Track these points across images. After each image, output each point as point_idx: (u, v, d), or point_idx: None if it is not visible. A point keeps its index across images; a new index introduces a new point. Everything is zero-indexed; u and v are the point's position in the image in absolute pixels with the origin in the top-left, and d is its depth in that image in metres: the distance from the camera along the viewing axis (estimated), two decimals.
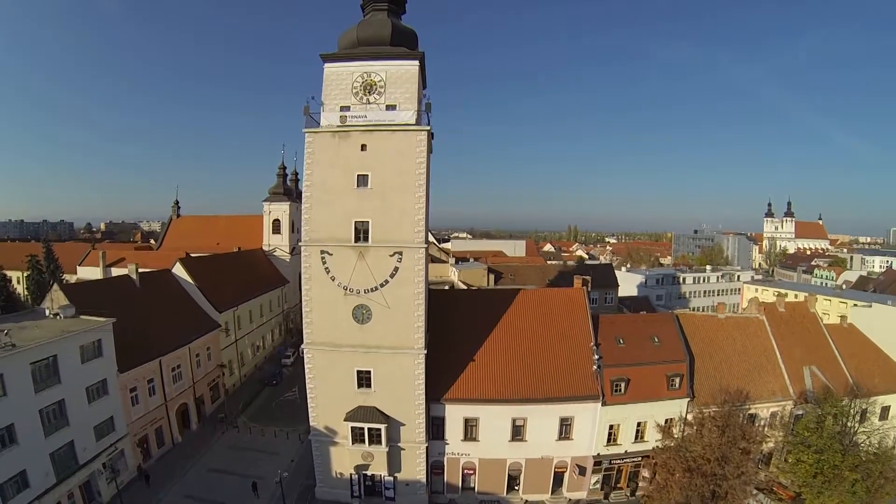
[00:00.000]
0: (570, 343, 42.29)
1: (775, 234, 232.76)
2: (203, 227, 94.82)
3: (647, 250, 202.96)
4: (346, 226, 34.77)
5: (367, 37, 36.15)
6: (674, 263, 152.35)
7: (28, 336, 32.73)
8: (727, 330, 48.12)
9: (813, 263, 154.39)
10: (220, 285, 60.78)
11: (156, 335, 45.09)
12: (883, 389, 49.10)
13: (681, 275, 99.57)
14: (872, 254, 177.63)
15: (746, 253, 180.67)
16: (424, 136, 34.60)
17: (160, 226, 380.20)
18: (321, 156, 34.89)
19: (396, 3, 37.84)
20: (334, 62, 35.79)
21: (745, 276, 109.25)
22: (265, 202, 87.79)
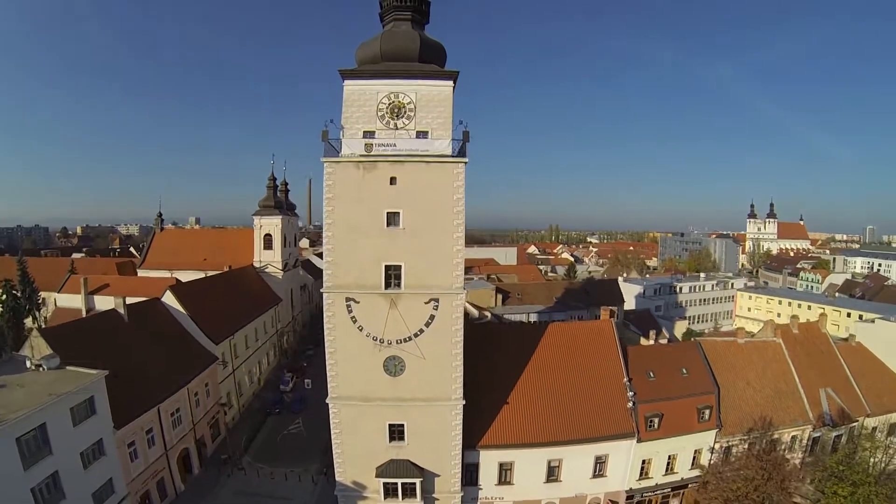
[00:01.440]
0: (603, 378, 41.31)
1: (758, 234, 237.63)
2: (188, 242, 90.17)
3: (633, 253, 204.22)
4: (375, 270, 31.53)
5: (393, 50, 32.55)
6: (665, 269, 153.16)
7: (11, 401, 28.66)
8: (747, 355, 47.88)
9: (798, 266, 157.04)
10: (214, 312, 56.98)
11: (151, 378, 41.40)
12: (892, 407, 49.83)
13: (677, 284, 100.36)
14: (853, 255, 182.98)
15: (734, 256, 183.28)
16: (462, 169, 31.47)
17: (138, 229, 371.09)
18: (344, 189, 31.24)
19: (420, 11, 34.10)
20: (355, 79, 32.06)
21: (739, 283, 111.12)
22: (255, 216, 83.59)
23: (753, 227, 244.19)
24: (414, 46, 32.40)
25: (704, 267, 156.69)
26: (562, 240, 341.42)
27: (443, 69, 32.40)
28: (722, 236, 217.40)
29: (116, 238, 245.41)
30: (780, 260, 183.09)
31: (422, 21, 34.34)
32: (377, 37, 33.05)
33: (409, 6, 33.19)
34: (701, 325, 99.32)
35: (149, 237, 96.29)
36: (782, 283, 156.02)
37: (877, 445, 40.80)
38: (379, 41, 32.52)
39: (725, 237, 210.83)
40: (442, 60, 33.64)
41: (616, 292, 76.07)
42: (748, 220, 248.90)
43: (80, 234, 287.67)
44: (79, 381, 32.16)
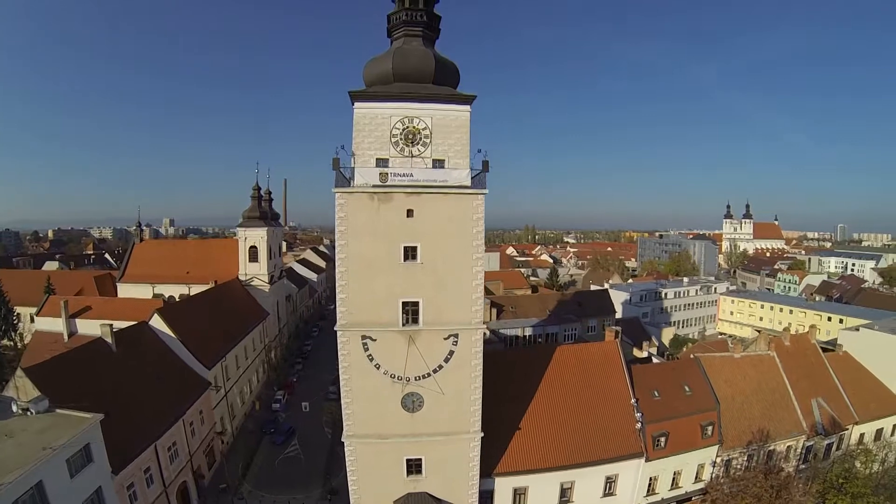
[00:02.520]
0: (611, 399, 41.72)
1: (734, 235, 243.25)
2: (170, 254, 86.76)
3: (612, 254, 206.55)
4: (391, 307, 30.36)
5: (406, 70, 30.82)
6: (646, 272, 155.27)
7: (2, 457, 26.51)
8: (744, 369, 48.96)
9: (776, 267, 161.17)
10: (204, 334, 55.15)
11: (145, 413, 39.62)
12: (878, 414, 51.64)
13: (662, 290, 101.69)
14: (827, 255, 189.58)
15: (712, 258, 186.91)
16: (482, 201, 30.50)
17: (112, 232, 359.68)
18: (357, 221, 29.73)
19: (431, 27, 32.53)
20: (367, 102, 30.29)
21: (721, 287, 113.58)
22: (240, 227, 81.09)
23: (730, 228, 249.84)
24: (428, 67, 30.94)
25: (684, 269, 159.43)
26: (538, 240, 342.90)
27: (460, 93, 31.06)
28: (699, 237, 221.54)
29: (90, 242, 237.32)
30: (757, 261, 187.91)
31: (433, 37, 32.92)
32: (388, 54, 31.42)
33: (421, 22, 31.77)
34: (686, 329, 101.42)
35: (128, 248, 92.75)
36: (760, 285, 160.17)
37: (873, 459, 42.05)
38: (391, 59, 30.76)
39: (703, 238, 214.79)
40: (456, 81, 32.33)
41: (607, 303, 76.67)
42: (724, 220, 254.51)
43: (52, 237, 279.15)
44: (72, 428, 30.05)
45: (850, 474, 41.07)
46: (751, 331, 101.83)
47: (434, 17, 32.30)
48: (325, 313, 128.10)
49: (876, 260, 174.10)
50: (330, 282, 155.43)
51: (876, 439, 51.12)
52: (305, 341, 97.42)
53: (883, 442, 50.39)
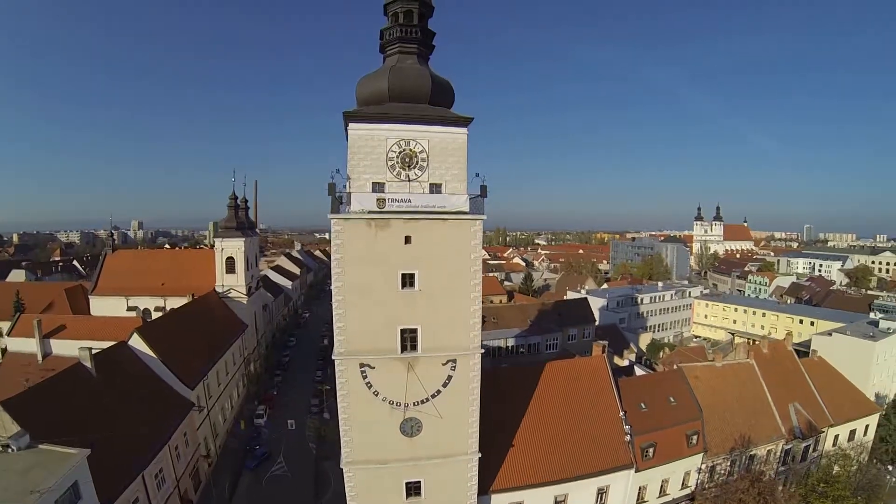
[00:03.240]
0: (600, 413, 42.49)
1: (705, 237, 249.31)
2: (144, 265, 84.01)
3: (584, 257, 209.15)
4: (390, 334, 29.95)
5: (402, 90, 30.11)
6: (620, 276, 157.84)
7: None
8: (725, 378, 50.50)
9: (746, 269, 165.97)
10: (184, 351, 53.79)
11: (130, 440, 38.22)
12: (852, 416, 53.88)
13: (638, 295, 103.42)
14: (795, 256, 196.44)
15: (684, 261, 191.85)
16: (480, 227, 30.43)
17: (80, 236, 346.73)
18: (354, 249, 29.00)
19: (426, 44, 32.03)
20: (362, 123, 29.42)
21: (695, 291, 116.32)
22: (216, 238, 79.55)
23: (700, 230, 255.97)
24: (425, 86, 30.43)
25: (657, 272, 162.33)
26: (510, 242, 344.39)
27: (458, 115, 30.68)
28: (671, 239, 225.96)
29: (57, 248, 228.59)
30: (727, 263, 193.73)
31: (427, 54, 32.56)
32: (382, 72, 30.77)
33: (415, 38, 31.35)
34: (662, 333, 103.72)
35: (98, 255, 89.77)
36: (731, 286, 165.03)
37: (851, 464, 43.80)
38: (386, 78, 30.11)
39: (675, 240, 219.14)
40: (451, 101, 31.96)
41: (587, 311, 77.56)
42: (695, 222, 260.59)
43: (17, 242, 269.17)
44: (59, 466, 28.65)
45: (830, 478, 42.71)
46: (725, 333, 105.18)
47: (428, 32, 31.98)
48: (300, 321, 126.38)
49: (842, 261, 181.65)
50: (304, 288, 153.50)
51: (849, 440, 53.36)
52: (283, 352, 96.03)
53: (856, 442, 52.64)
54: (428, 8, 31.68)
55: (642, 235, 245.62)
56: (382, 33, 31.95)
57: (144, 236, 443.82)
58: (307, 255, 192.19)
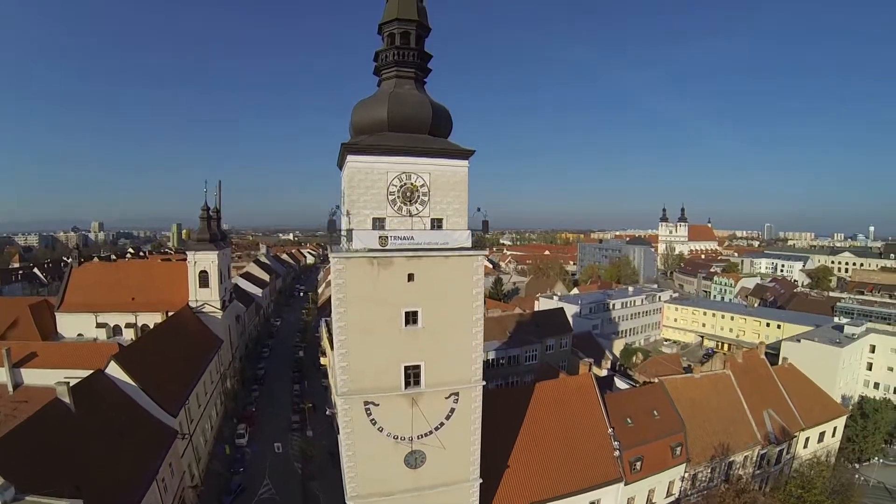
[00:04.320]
0: (589, 430, 43.69)
1: (670, 237, 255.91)
2: (112, 277, 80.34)
3: (551, 258, 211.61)
4: (394, 372, 29.82)
5: (402, 119, 29.39)
6: (589, 279, 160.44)
7: None
8: (703, 389, 52.39)
9: (712, 270, 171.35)
10: (164, 376, 52.09)
11: (115, 479, 36.90)
12: (821, 419, 56.79)
13: (610, 301, 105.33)
14: (758, 256, 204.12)
15: (651, 263, 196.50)
16: (482, 262, 30.60)
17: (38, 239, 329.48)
18: (357, 288, 28.50)
19: (423, 68, 31.43)
20: (361, 155, 28.60)
21: (665, 295, 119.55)
22: (189, 252, 77.10)
23: (665, 230, 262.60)
24: (425, 116, 29.86)
25: (625, 274, 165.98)
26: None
27: (459, 148, 30.43)
28: (636, 241, 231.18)
29: (16, 253, 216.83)
30: (693, 264, 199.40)
31: (423, 78, 32.07)
32: (380, 99, 30.02)
33: (413, 63, 30.84)
34: (633, 337, 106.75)
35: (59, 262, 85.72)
36: (697, 287, 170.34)
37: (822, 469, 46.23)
38: (385, 106, 29.38)
39: (641, 242, 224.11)
40: (449, 130, 31.66)
41: (564, 322, 78.95)
42: (660, 223, 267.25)
43: None
44: None
45: (808, 484, 44.99)
46: (694, 336, 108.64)
47: (425, 55, 31.52)
48: (272, 330, 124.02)
49: (803, 261, 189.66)
50: (273, 295, 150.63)
51: (819, 441, 56.41)
52: (258, 364, 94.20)
53: (825, 445, 55.57)
54: (425, 29, 31.20)
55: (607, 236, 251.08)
56: (378, 55, 31.39)
57: (106, 238, 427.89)
58: (275, 259, 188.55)
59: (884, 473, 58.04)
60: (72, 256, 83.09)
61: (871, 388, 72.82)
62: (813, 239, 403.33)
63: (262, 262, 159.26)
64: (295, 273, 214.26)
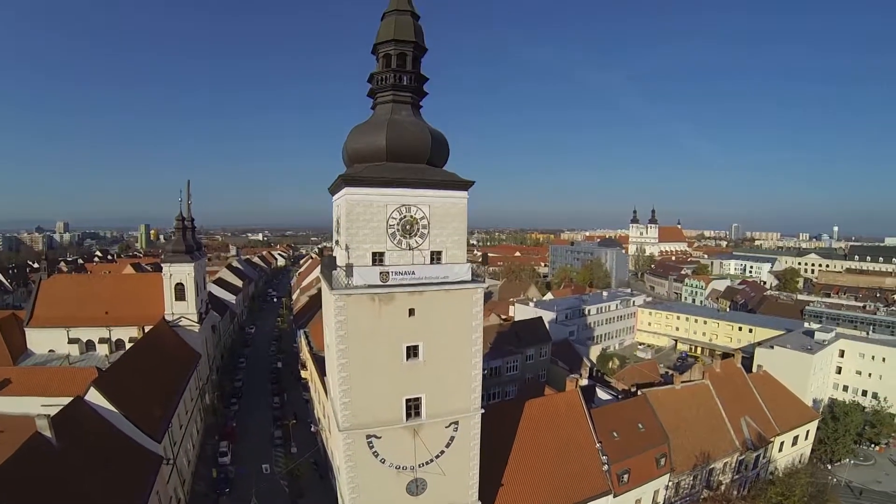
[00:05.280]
0: (578, 445, 44.74)
1: (640, 239, 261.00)
2: (84, 291, 77.23)
3: (522, 259, 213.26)
4: (395, 405, 29.96)
5: (402, 148, 29.00)
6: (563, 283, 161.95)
7: None
8: (684, 399, 53.98)
9: (683, 273, 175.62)
10: (145, 399, 50.77)
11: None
12: (795, 424, 59.24)
13: (585, 306, 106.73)
14: (727, 258, 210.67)
15: (623, 266, 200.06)
16: (481, 294, 30.82)
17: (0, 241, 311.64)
18: (359, 325, 28.33)
19: (420, 91, 31.06)
20: (361, 187, 28.31)
21: (639, 300, 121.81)
22: (164, 264, 75.11)
23: (636, 232, 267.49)
24: (424, 145, 29.58)
25: (597, 277, 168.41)
26: None
27: (459, 179, 30.38)
28: (608, 242, 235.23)
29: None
30: (664, 266, 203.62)
31: (420, 102, 31.71)
32: (378, 126, 29.53)
33: (411, 87, 30.57)
34: (608, 342, 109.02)
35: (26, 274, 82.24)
36: (668, 289, 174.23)
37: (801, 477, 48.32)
38: (384, 134, 28.90)
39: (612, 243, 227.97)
40: (447, 157, 31.54)
41: (543, 331, 79.87)
42: (631, 224, 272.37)
43: None
44: None
45: (788, 491, 47.04)
46: (668, 340, 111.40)
47: (421, 78, 31.26)
48: (247, 339, 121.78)
49: (771, 263, 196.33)
50: (246, 301, 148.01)
51: (793, 445, 59.02)
52: (235, 376, 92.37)
53: (799, 447, 58.42)
54: (421, 50, 30.89)
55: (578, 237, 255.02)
56: (373, 77, 30.97)
57: (72, 239, 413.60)
58: (247, 263, 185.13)
59: (855, 473, 60.99)
60: (41, 268, 79.67)
61: (841, 391, 76.55)
62: (779, 239, 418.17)
63: (235, 267, 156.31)
64: (266, 276, 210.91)
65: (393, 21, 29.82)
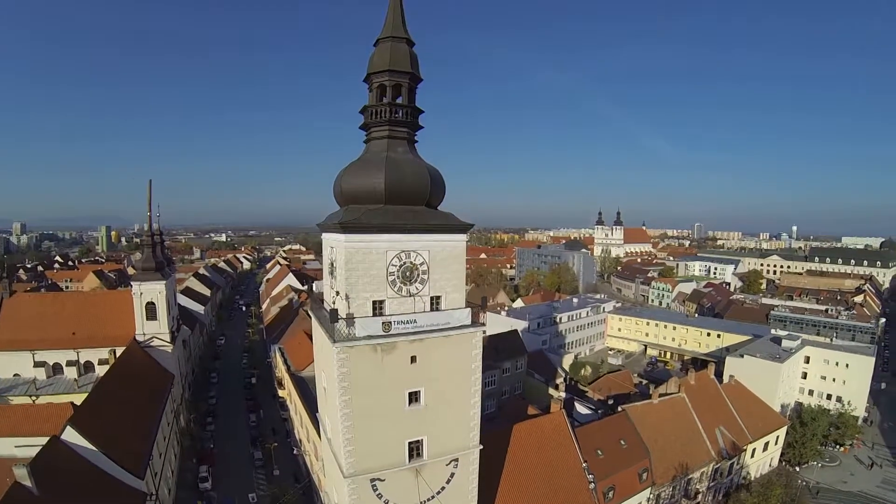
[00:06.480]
0: (566, 465, 45.84)
1: (606, 240, 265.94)
2: (49, 310, 73.55)
3: (489, 262, 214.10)
4: (398, 449, 30.04)
5: (401, 190, 28.15)
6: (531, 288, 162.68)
7: None
8: (662, 413, 55.96)
9: (649, 275, 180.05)
10: (124, 433, 49.18)
11: None
12: (765, 431, 62.26)
13: (557, 314, 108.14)
14: (692, 259, 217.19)
15: (590, 269, 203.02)
16: (480, 336, 31.05)
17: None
18: (361, 375, 28.02)
19: (414, 126, 30.36)
20: (359, 234, 27.55)
21: (609, 306, 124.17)
22: (134, 282, 72.62)
23: (601, 233, 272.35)
24: (424, 187, 28.91)
25: (565, 281, 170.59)
26: None
27: (459, 222, 30.15)
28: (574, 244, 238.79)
29: None
30: (630, 268, 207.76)
31: (414, 137, 30.95)
32: (376, 165, 28.41)
33: (407, 122, 29.91)
34: (579, 348, 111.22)
35: None
36: (635, 292, 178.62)
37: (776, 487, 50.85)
38: (383, 175, 27.93)
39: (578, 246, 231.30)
40: (443, 196, 31.07)
41: (519, 343, 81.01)
42: (596, 226, 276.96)
43: None
44: None
45: (764, 501, 49.65)
46: (638, 345, 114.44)
47: (416, 111, 30.60)
48: (217, 351, 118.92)
49: (734, 264, 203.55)
50: (215, 309, 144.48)
51: (764, 450, 62.11)
52: (209, 393, 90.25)
53: (770, 452, 61.87)
54: (416, 81, 30.17)
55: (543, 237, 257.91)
56: (366, 110, 30.19)
57: (29, 241, 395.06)
58: (213, 270, 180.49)
59: (822, 474, 64.23)
60: (1, 286, 75.82)
61: (806, 395, 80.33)
62: (741, 238, 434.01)
63: (202, 275, 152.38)
64: (233, 282, 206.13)
65: (388, 49, 28.80)
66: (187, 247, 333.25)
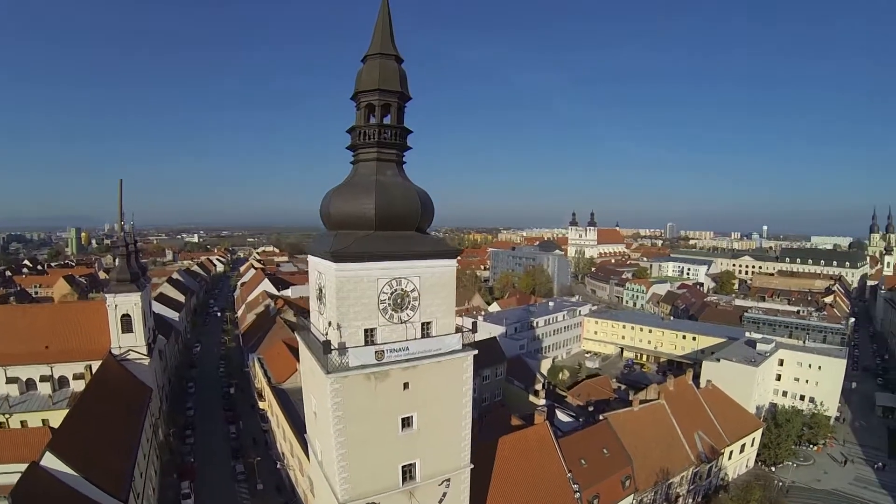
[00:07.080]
0: (551, 476, 46.69)
1: (580, 241, 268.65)
2: (20, 323, 70.89)
3: (462, 263, 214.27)
4: (392, 473, 30.25)
5: (392, 216, 27.96)
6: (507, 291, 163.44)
7: None
8: (643, 420, 57.42)
9: (623, 277, 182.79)
10: (104, 455, 48.19)
11: None
12: (742, 433, 64.42)
13: (534, 319, 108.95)
14: (665, 260, 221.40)
15: (565, 271, 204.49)
16: (471, 360, 31.43)
17: None
18: (355, 403, 28.07)
19: (403, 147, 30.22)
20: (350, 263, 27.29)
21: (585, 309, 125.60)
22: (108, 294, 70.81)
23: (575, 234, 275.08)
24: (414, 212, 28.84)
25: (539, 282, 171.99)
26: None
27: (451, 247, 30.37)
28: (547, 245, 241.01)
29: None
30: (604, 269, 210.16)
31: (402, 159, 30.67)
32: (366, 190, 28.04)
33: (397, 144, 29.66)
34: (556, 352, 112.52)
35: None
36: (609, 293, 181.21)
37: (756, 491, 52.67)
38: (373, 201, 27.59)
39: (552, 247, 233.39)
40: (432, 220, 31.09)
41: (498, 351, 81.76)
42: (570, 227, 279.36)
43: None
44: None
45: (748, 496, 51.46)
46: (614, 348, 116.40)
47: (405, 131, 30.32)
48: (193, 359, 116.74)
49: (707, 265, 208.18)
50: (189, 315, 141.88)
51: (741, 452, 64.21)
52: (186, 404, 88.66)
53: (746, 453, 64.39)
54: (405, 99, 29.96)
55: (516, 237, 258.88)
56: (354, 130, 29.80)
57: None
58: (187, 273, 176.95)
59: (796, 473, 66.31)
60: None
61: (780, 396, 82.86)
62: (713, 237, 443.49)
63: (176, 280, 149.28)
64: (207, 286, 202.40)
65: (377, 66, 28.31)
66: (159, 248, 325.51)
